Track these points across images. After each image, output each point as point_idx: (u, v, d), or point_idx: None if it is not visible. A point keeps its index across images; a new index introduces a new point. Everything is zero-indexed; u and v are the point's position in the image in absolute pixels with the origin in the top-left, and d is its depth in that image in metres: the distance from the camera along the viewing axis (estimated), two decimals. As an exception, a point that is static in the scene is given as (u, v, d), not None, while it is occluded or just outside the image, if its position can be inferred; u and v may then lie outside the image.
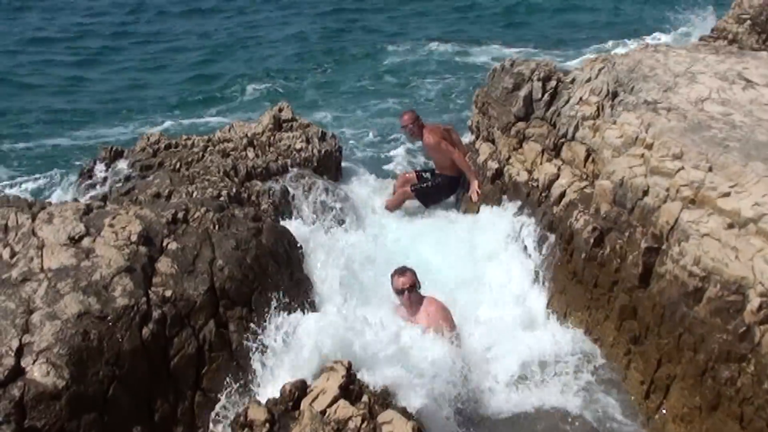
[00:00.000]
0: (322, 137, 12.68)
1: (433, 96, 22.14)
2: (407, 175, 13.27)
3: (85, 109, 21.84)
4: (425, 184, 12.75)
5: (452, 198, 13.08)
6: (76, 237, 8.08)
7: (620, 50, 20.36)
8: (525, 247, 10.63)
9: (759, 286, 7.10)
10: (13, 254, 7.89)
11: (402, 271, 9.26)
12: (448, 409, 7.71)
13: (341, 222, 11.76)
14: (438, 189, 12.80)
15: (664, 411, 8.00)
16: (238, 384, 7.77)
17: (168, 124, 19.84)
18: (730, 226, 7.66)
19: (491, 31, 29.51)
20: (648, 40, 24.42)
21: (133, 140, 15.21)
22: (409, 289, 9.08)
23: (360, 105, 21.25)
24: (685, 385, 7.72)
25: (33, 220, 8.36)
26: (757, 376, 6.98)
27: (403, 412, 6.68)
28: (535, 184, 10.74)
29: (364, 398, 6.64)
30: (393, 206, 12.90)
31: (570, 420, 8.28)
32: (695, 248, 7.75)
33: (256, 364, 7.76)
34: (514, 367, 8.97)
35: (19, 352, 6.85)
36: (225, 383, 7.75)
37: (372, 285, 10.05)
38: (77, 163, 15.98)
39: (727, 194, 7.86)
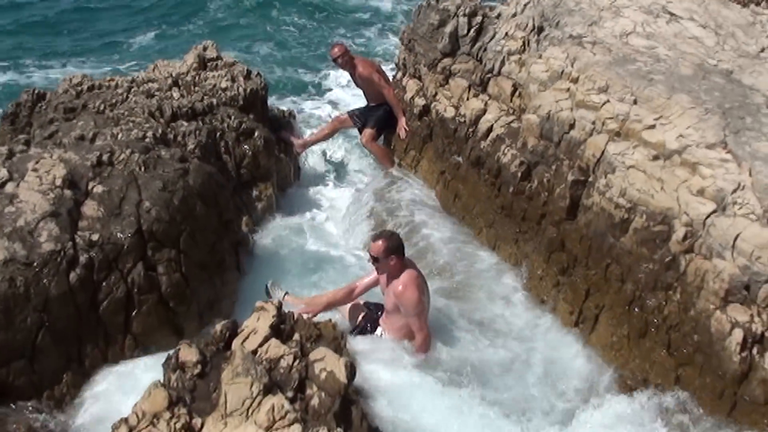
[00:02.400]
0: (248, 75, 12.43)
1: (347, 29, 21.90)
2: (341, 117, 13.14)
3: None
4: (379, 113, 12.61)
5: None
6: (-1, 183, 7.88)
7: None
8: None
9: (684, 216, 7.24)
10: (-68, 201, 7.66)
11: (376, 236, 8.10)
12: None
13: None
14: (387, 117, 12.64)
15: (593, 340, 8.15)
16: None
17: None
18: (656, 158, 7.78)
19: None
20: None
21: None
22: (373, 259, 7.95)
23: (268, 44, 20.77)
24: (614, 314, 7.87)
25: (-47, 165, 8.11)
26: (684, 304, 7.16)
27: (336, 348, 6.67)
28: (462, 120, 10.71)
29: (296, 337, 6.61)
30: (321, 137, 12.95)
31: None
32: (621, 180, 7.86)
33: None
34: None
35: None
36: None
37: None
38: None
39: (652, 126, 7.97)
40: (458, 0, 11.88)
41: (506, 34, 10.88)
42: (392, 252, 7.83)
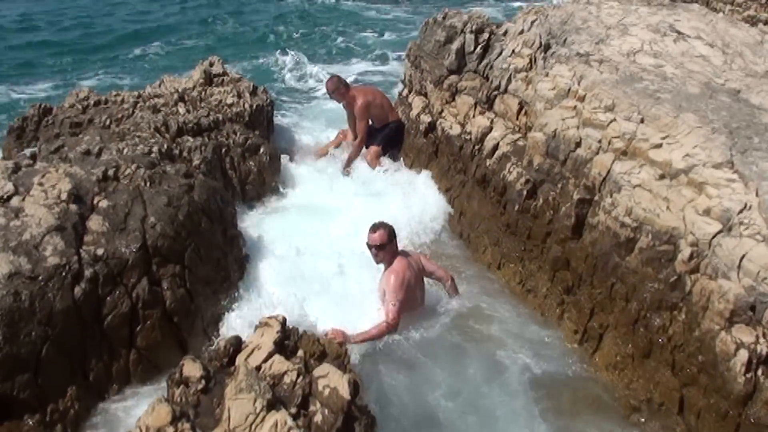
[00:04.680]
0: (254, 91, 12.50)
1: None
2: (346, 130, 13.11)
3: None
4: (384, 132, 12.60)
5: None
6: (5, 196, 7.86)
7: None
8: None
9: (690, 235, 7.20)
10: (-62, 214, 7.66)
11: (374, 227, 8.76)
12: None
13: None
14: (393, 135, 12.62)
15: (597, 360, 8.11)
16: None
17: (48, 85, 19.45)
18: (662, 177, 7.75)
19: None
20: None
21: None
22: (376, 247, 8.69)
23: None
24: (618, 333, 7.83)
25: (-41, 179, 8.12)
26: (688, 324, 7.11)
27: (339, 365, 6.65)
28: (467, 137, 10.72)
29: (300, 353, 6.60)
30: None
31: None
32: (627, 199, 7.83)
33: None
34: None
35: (-51, 314, 6.69)
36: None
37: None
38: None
39: (659, 146, 7.95)
40: (465, 17, 11.92)
41: (513, 51, 10.90)
42: (393, 237, 8.77)
